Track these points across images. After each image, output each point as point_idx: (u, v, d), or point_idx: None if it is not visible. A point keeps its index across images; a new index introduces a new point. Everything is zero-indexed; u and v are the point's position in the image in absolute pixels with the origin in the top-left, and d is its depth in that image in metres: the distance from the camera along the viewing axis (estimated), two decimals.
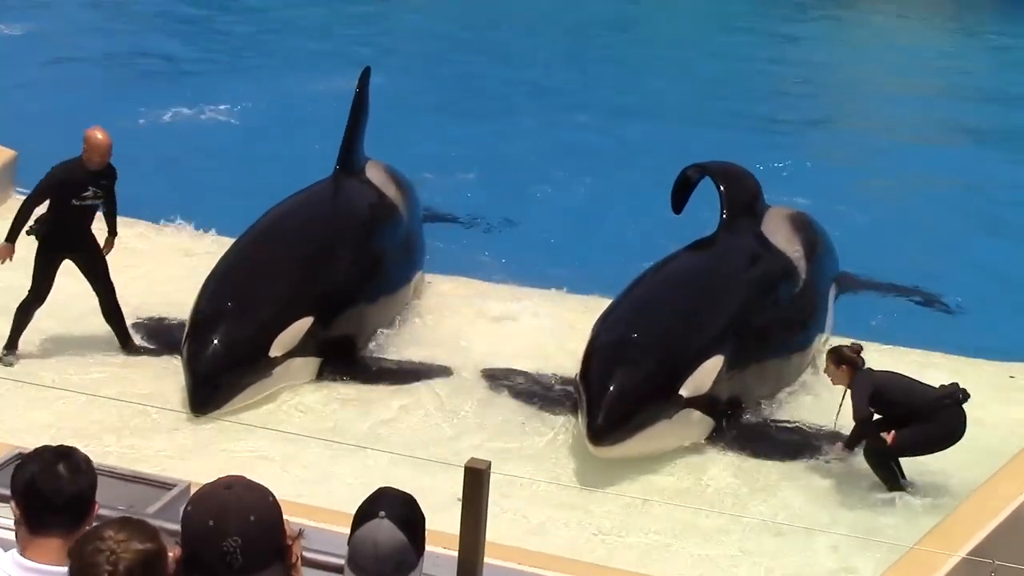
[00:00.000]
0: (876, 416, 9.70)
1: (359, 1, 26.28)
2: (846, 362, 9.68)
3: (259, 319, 10.55)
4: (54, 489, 3.89)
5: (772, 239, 11.95)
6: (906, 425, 9.55)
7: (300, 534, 3.63)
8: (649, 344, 10.14)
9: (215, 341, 10.34)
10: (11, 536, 4.00)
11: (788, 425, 10.73)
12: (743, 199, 12.04)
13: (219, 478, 3.58)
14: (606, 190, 16.44)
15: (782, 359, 11.15)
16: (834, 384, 9.87)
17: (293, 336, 10.60)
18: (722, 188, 12.00)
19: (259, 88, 20.10)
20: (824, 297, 12.09)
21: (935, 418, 9.55)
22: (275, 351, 10.49)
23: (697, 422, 10.30)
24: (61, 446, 4.07)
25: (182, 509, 3.56)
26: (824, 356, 10.07)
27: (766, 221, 12.16)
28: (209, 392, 10.16)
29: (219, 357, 10.24)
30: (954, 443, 9.61)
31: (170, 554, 3.52)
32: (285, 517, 3.60)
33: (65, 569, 3.61)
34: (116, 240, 11.10)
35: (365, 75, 12.80)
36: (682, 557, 8.94)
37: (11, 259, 10.78)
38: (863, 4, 29.09)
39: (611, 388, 9.71)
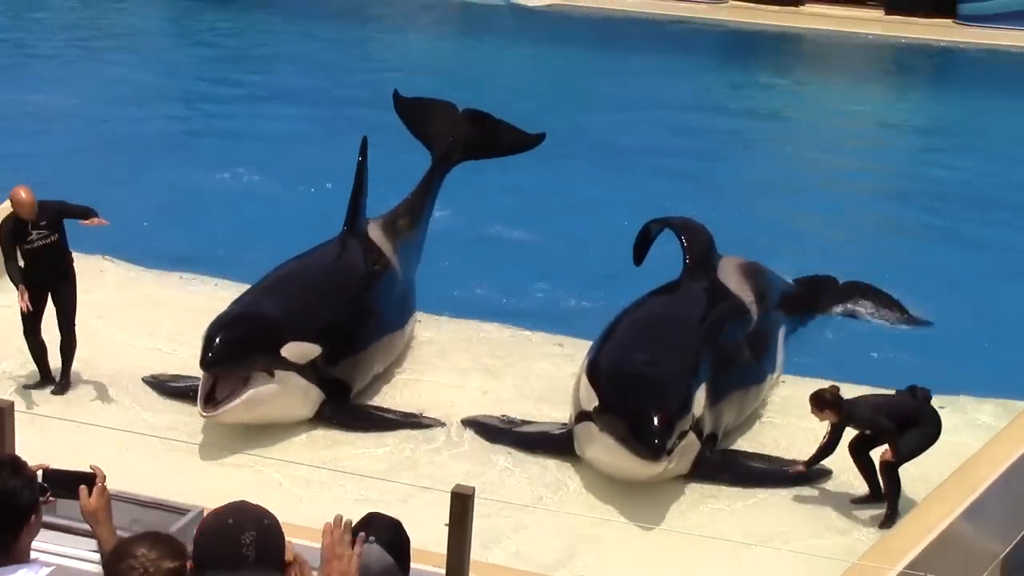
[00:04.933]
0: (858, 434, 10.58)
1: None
2: (829, 405, 10.40)
3: (278, 320, 11.62)
4: None
5: (728, 284, 12.89)
6: (877, 439, 10.48)
7: (295, 561, 3.86)
8: (651, 376, 10.92)
9: (238, 317, 11.49)
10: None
11: (741, 452, 11.55)
12: (701, 249, 13.00)
13: (231, 502, 3.91)
14: (583, 236, 16.80)
15: (742, 391, 11.93)
16: (821, 422, 10.59)
17: (303, 351, 11.53)
18: (684, 239, 12.98)
19: (280, 150, 20.44)
20: (775, 337, 13.00)
21: (923, 420, 10.47)
22: (286, 352, 11.42)
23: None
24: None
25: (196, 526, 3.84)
26: (778, 391, 10.77)
27: (720, 269, 13.09)
28: (221, 351, 11.00)
29: (238, 327, 11.33)
30: (939, 435, 10.55)
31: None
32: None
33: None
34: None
35: (364, 145, 13.46)
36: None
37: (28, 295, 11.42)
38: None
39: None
